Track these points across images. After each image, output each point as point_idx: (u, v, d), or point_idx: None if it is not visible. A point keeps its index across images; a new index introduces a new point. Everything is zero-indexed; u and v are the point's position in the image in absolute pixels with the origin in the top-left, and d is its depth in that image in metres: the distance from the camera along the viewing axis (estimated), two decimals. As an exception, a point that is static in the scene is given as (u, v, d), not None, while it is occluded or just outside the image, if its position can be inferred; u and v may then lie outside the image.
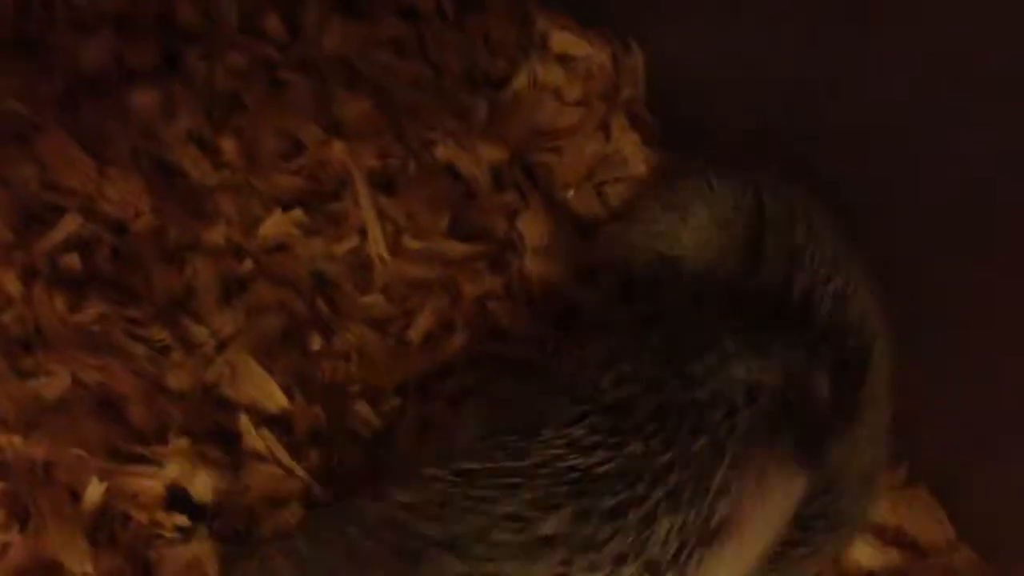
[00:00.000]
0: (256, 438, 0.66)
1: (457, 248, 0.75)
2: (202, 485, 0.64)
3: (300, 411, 0.67)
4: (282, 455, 0.65)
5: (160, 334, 0.69)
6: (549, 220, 0.77)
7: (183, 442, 0.66)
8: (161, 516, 0.65)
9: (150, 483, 0.65)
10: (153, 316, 0.69)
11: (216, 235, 0.74)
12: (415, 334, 0.72)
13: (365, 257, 0.75)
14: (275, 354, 0.69)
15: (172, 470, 0.65)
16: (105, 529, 0.64)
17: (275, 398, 0.67)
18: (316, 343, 0.71)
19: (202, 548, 0.63)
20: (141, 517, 0.64)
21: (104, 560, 0.63)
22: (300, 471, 0.65)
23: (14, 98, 0.76)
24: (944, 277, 0.64)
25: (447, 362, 0.71)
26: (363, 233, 0.75)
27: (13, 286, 0.69)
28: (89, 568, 0.62)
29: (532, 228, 0.76)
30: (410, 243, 0.74)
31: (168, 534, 0.64)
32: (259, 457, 0.66)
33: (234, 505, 0.64)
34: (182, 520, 0.64)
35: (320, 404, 0.68)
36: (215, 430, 0.67)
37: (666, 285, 0.68)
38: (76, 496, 0.64)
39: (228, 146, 0.77)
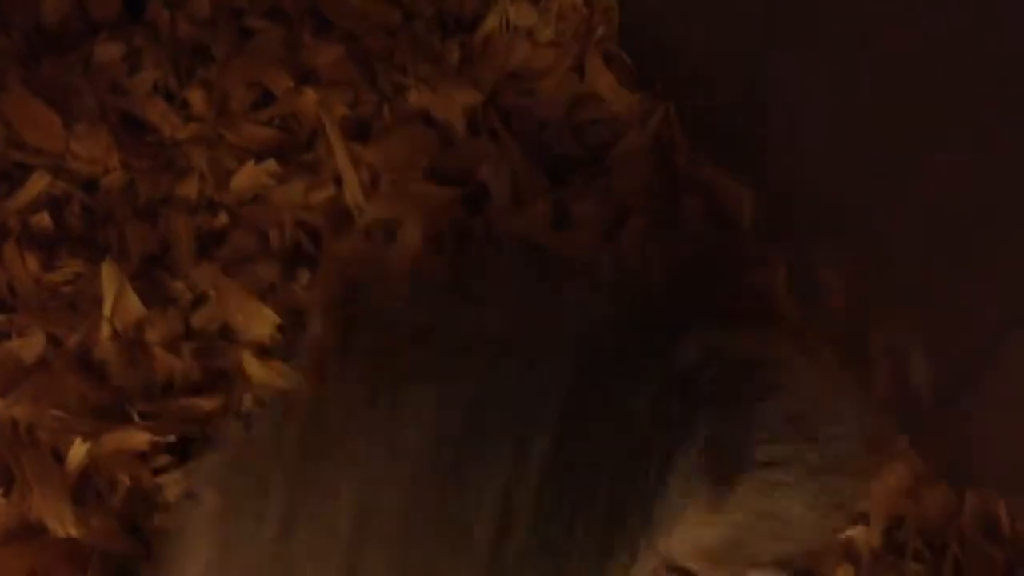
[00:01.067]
0: (257, 366, 0.65)
1: (436, 191, 0.74)
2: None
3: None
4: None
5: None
6: (526, 164, 0.76)
7: (170, 401, 0.65)
8: (147, 475, 0.64)
9: (136, 442, 0.64)
10: (129, 273, 0.68)
11: (189, 189, 0.72)
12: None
13: (342, 206, 0.73)
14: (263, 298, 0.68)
15: (158, 428, 0.64)
16: (92, 490, 0.64)
17: (268, 320, 0.67)
18: (304, 278, 0.70)
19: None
20: (126, 478, 0.63)
21: (94, 521, 0.62)
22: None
23: (-28, 55, 0.74)
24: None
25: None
26: (339, 182, 0.73)
27: (-16, 247, 0.68)
28: (73, 530, 0.61)
29: (508, 172, 0.75)
30: (388, 187, 0.73)
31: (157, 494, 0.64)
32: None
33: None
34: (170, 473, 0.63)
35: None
36: (203, 381, 0.66)
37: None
38: (60, 458, 0.64)
39: (197, 98, 0.76)
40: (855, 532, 0.67)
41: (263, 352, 0.66)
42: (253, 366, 0.64)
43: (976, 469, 0.70)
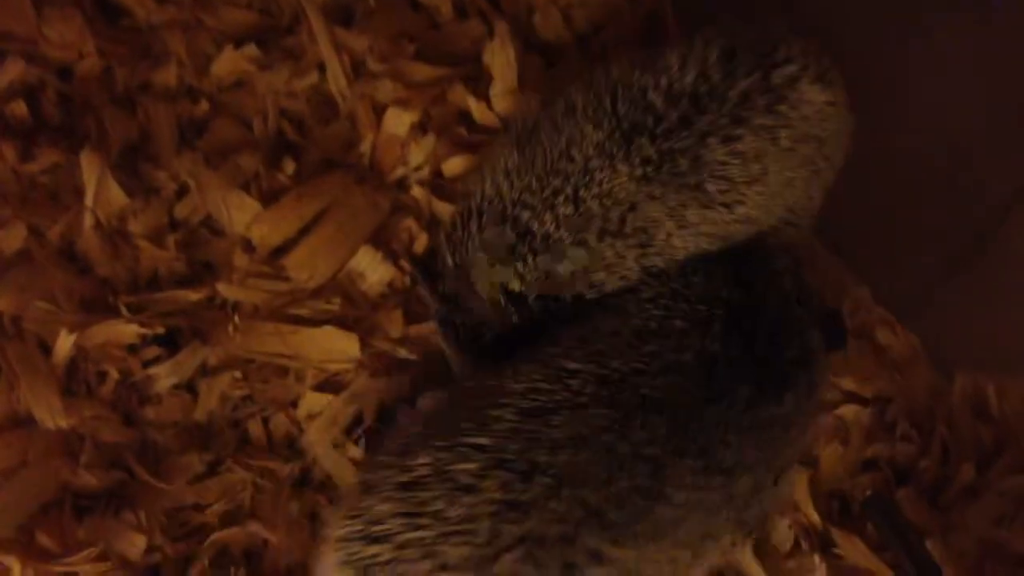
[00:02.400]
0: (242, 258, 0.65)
1: (424, 70, 0.72)
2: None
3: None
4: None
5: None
6: (516, 45, 0.74)
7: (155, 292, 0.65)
8: (137, 367, 0.64)
9: (123, 334, 0.64)
10: (109, 163, 0.66)
11: (167, 76, 0.70)
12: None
13: (326, 93, 0.72)
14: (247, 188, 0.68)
15: (145, 320, 0.64)
16: (81, 381, 0.64)
17: (251, 210, 0.66)
18: (290, 167, 0.69)
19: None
20: (114, 369, 0.63)
21: (85, 411, 0.62)
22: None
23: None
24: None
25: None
26: (322, 68, 0.71)
27: (-42, 137, 0.66)
28: (63, 421, 0.61)
29: (499, 55, 0.73)
30: (374, 66, 0.71)
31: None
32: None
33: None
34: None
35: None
36: (188, 273, 0.66)
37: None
38: (47, 349, 0.63)
39: (172, -20, 0.73)
40: (844, 411, 0.67)
41: (248, 246, 0.65)
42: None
43: (963, 352, 0.70)
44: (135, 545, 0.60)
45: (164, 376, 0.63)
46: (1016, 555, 0.62)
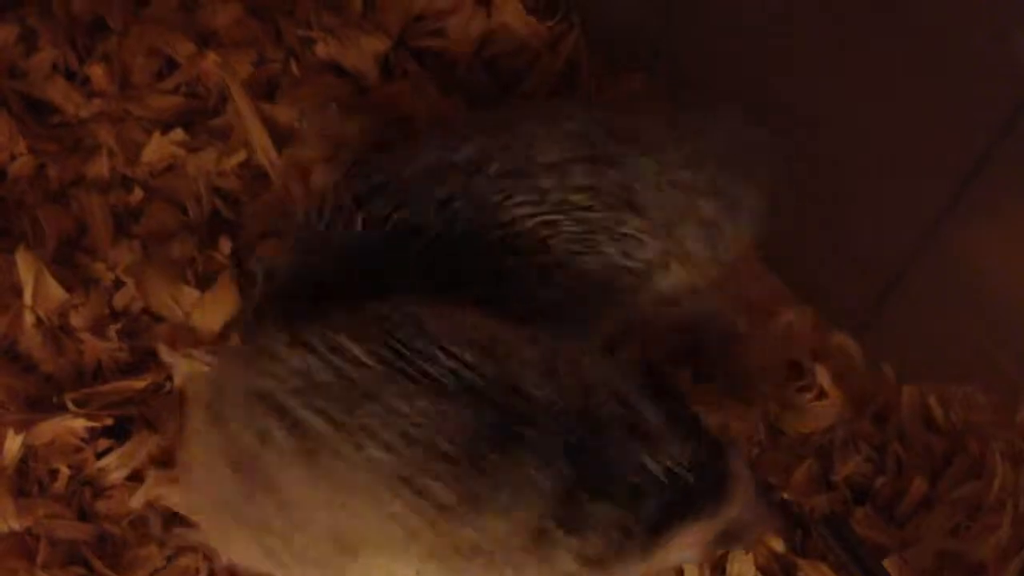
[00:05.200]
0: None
1: (355, 129, 0.73)
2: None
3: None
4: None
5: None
6: (446, 101, 0.75)
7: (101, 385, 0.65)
8: (90, 460, 0.64)
9: (72, 430, 0.64)
10: (46, 259, 0.67)
11: (99, 167, 0.71)
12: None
13: (257, 167, 0.73)
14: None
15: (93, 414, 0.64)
16: (33, 481, 0.64)
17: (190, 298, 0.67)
18: (226, 247, 0.69)
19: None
20: (65, 466, 0.63)
21: (39, 509, 0.63)
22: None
23: None
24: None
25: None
26: (250, 144, 0.72)
27: None
28: (15, 523, 0.61)
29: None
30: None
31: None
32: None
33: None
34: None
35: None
36: (132, 362, 0.66)
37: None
38: (-4, 451, 0.64)
39: (98, 73, 0.74)
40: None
41: (187, 330, 0.66)
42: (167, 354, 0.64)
43: (912, 364, 0.71)
44: (98, 642, 0.60)
45: (115, 468, 0.64)
46: (972, 564, 0.62)
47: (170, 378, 0.65)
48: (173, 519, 0.63)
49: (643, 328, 0.65)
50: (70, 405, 0.64)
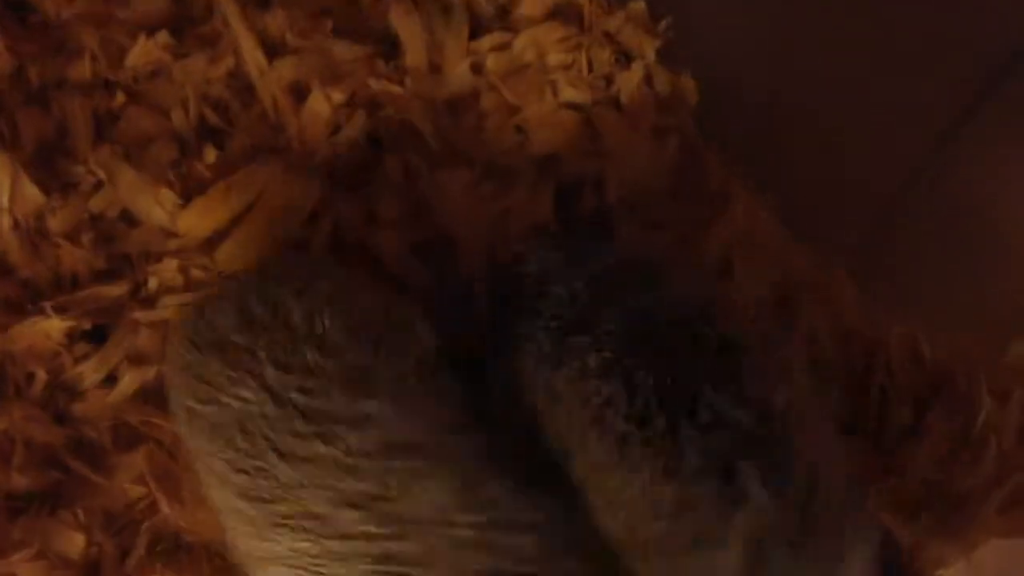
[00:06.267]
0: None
1: (346, 48, 0.71)
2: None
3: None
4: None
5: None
6: (440, 19, 0.73)
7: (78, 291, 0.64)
8: (69, 365, 0.63)
9: (50, 334, 0.63)
10: (23, 161, 0.65)
11: (82, 70, 0.69)
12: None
13: (246, 77, 0.71)
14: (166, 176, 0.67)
15: (71, 319, 0.63)
16: (10, 384, 0.63)
17: (166, 202, 0.65)
18: (211, 155, 0.68)
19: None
20: (42, 370, 0.63)
21: (15, 412, 0.62)
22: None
23: None
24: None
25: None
26: (239, 54, 0.70)
27: None
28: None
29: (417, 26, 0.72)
30: (294, 42, 0.71)
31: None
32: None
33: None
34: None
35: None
36: (108, 268, 0.65)
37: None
38: (-29, 355, 0.63)
39: (81, -27, 0.72)
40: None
41: (167, 236, 0.64)
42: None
43: (902, 301, 0.70)
44: (74, 543, 0.60)
45: (92, 372, 0.63)
46: (951, 496, 0.62)
47: (146, 281, 0.64)
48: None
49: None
50: (48, 311, 0.63)
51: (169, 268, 0.64)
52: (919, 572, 0.61)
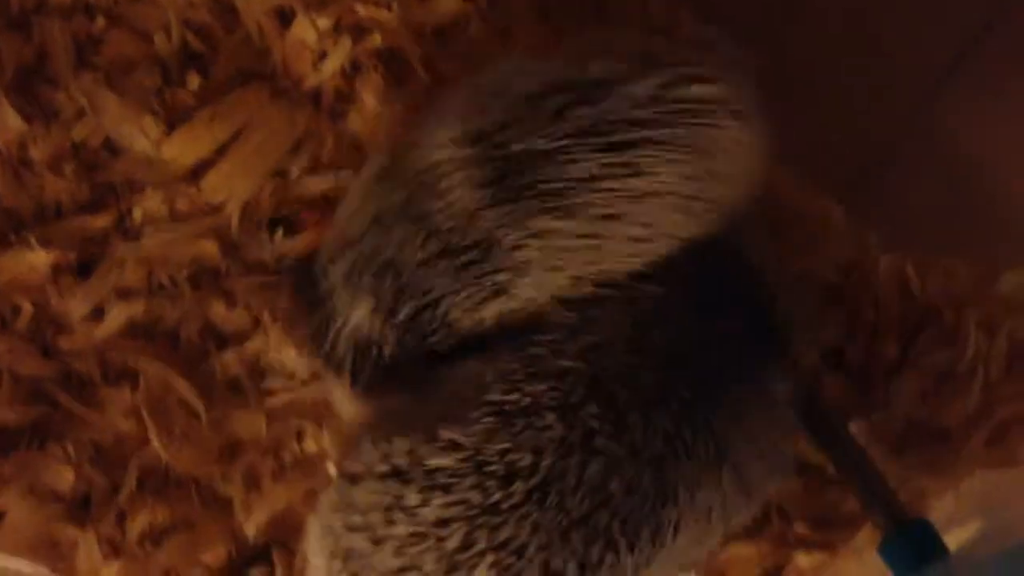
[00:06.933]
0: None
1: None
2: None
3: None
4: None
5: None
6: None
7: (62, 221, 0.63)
8: (54, 297, 0.63)
9: (35, 265, 0.63)
10: (3, 87, 0.64)
11: (61, -7, 0.68)
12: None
13: (228, 0, 0.69)
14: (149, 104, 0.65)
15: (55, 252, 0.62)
16: (-7, 316, 0.63)
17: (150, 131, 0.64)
18: (195, 82, 0.66)
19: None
20: (28, 302, 0.62)
21: (1, 344, 0.62)
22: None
23: None
24: None
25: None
26: (224, -26, 0.69)
27: None
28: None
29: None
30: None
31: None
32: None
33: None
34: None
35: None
36: (91, 199, 0.64)
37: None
38: (-44, 286, 0.62)
39: None
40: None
41: (151, 164, 0.63)
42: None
43: (896, 235, 0.70)
44: (63, 477, 0.60)
45: (79, 304, 0.62)
46: (937, 430, 0.62)
47: (130, 212, 0.63)
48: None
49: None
50: (32, 242, 0.62)
51: (153, 199, 0.63)
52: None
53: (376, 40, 0.68)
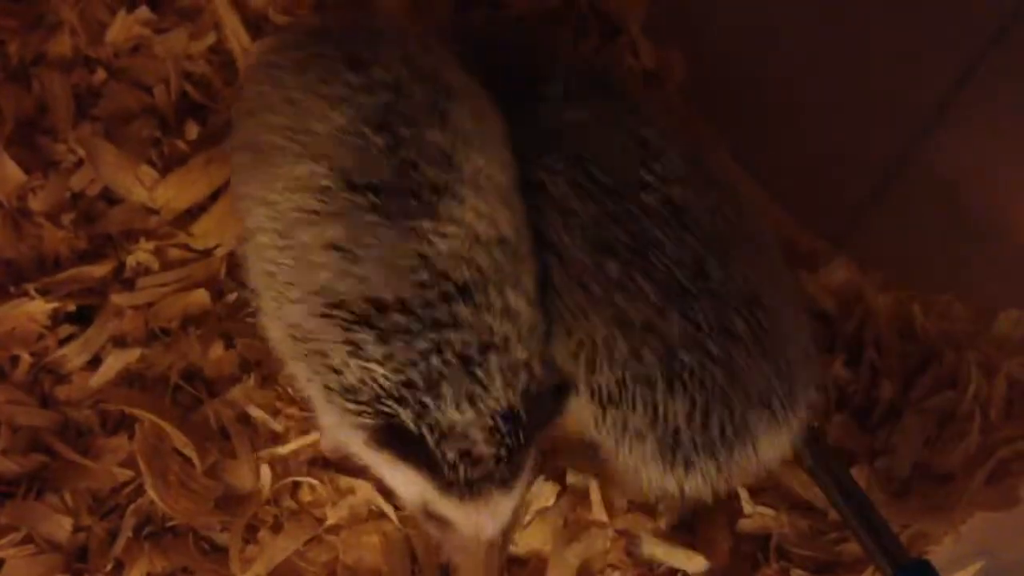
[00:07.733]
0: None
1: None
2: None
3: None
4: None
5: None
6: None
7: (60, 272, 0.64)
8: (52, 346, 0.63)
9: (33, 315, 0.63)
10: (4, 139, 0.64)
11: (62, 46, 0.68)
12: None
13: (228, 53, 0.70)
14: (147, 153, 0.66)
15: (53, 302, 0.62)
16: (-7, 368, 0.63)
17: (147, 180, 0.65)
18: (192, 132, 0.67)
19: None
20: (26, 352, 0.62)
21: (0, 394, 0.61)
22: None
23: None
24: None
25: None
26: (220, 28, 0.69)
27: None
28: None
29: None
30: (277, 17, 0.70)
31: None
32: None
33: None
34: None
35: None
36: (89, 248, 0.64)
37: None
38: (-46, 338, 0.62)
39: (58, -53, 0.70)
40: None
41: (146, 213, 0.64)
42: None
43: (890, 275, 0.70)
44: (61, 526, 0.60)
45: (76, 354, 0.62)
46: (941, 473, 0.62)
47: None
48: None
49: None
50: (32, 292, 0.63)
51: (144, 249, 0.63)
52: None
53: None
